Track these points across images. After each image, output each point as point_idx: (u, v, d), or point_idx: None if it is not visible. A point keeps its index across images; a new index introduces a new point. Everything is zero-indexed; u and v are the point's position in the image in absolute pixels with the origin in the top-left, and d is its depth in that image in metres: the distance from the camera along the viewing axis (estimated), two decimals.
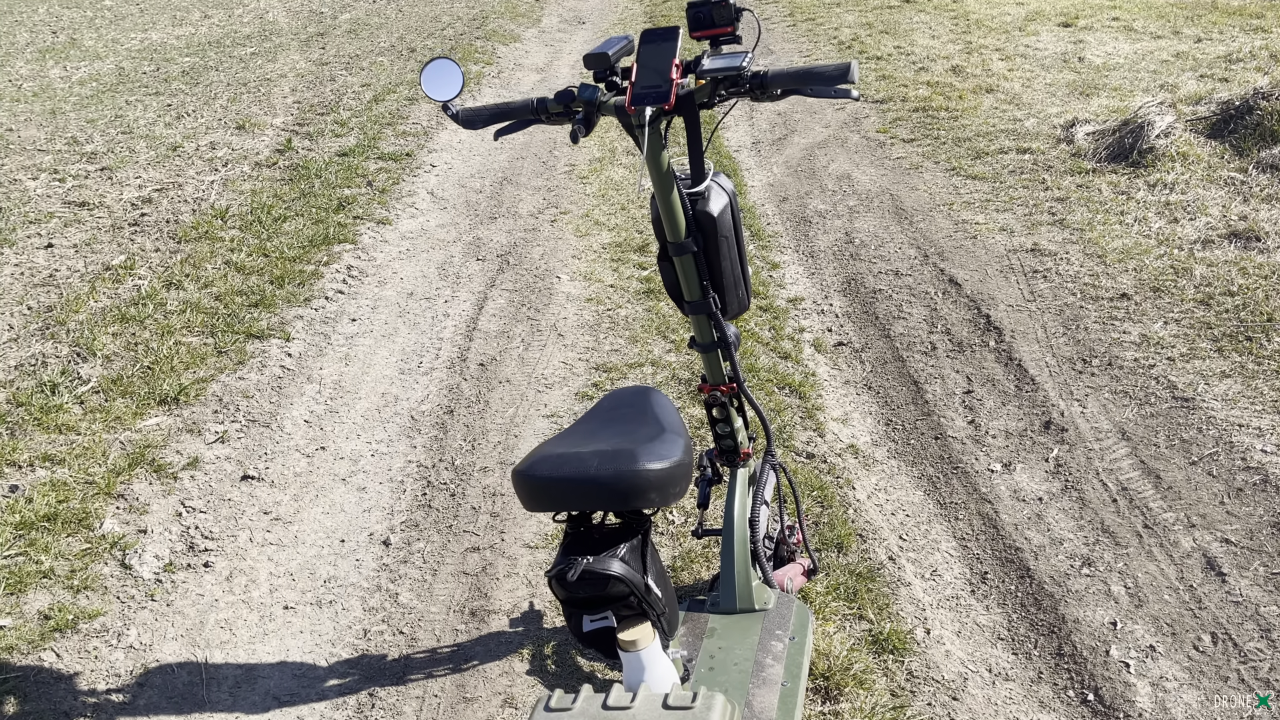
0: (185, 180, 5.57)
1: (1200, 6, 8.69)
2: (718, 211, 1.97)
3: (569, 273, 4.55)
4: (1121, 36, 7.85)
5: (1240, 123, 4.94)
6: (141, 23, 10.83)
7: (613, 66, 1.93)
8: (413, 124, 6.74)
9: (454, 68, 2.05)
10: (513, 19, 10.50)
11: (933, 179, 5.37)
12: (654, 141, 1.85)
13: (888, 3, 10.04)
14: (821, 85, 1.76)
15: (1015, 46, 7.82)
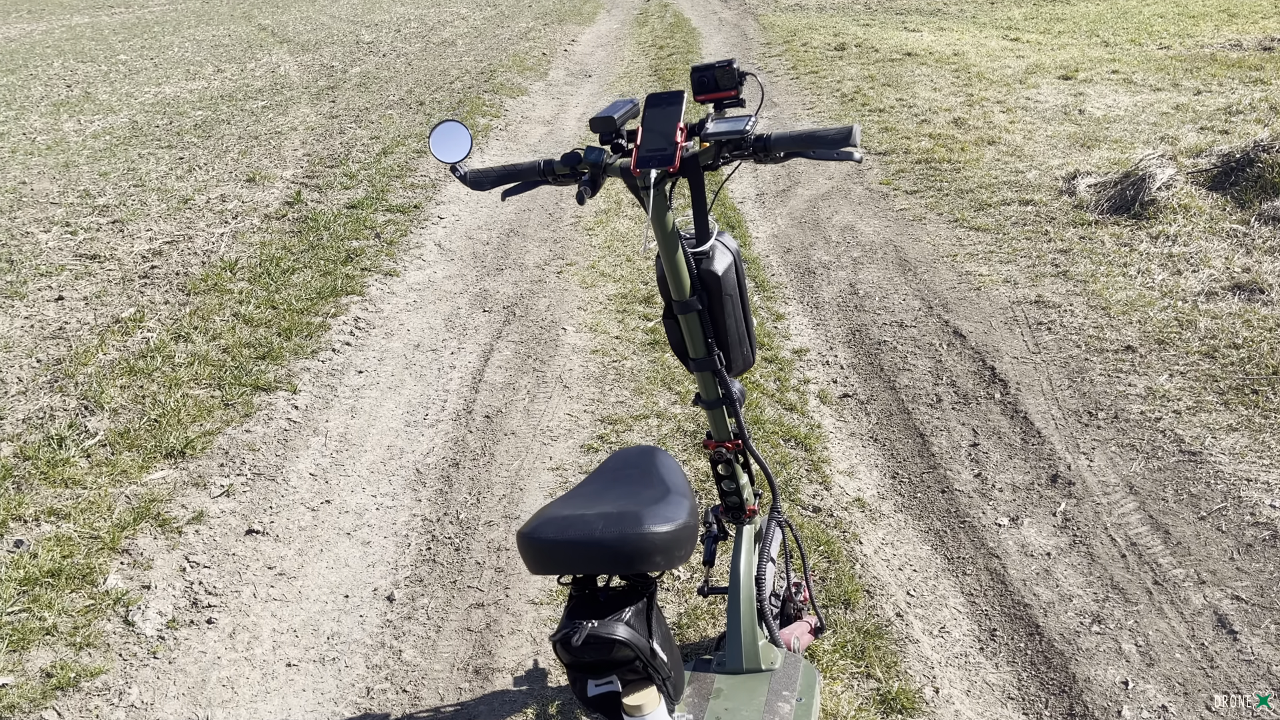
0: (195, 233, 5.63)
1: (1199, 59, 8.80)
2: (722, 270, 1.99)
3: (574, 324, 4.58)
4: (1121, 89, 7.94)
5: (1241, 175, 4.98)
6: (155, 77, 11.01)
7: (618, 129, 1.96)
8: (421, 176, 6.81)
9: (462, 130, 2.08)
10: (520, 73, 10.66)
11: (936, 230, 5.40)
12: (659, 203, 1.87)
13: (890, 56, 10.18)
14: (824, 149, 1.78)
15: (1016, 99, 7.91)
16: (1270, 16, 11.11)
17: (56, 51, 13.41)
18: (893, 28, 12.51)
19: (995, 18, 13.08)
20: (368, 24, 14.81)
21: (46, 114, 9.20)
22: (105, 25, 16.31)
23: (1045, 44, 10.53)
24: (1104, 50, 9.76)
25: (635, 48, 12.30)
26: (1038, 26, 11.93)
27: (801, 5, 15.54)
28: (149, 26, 15.82)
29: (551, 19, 14.58)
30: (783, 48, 11.43)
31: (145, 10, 18.31)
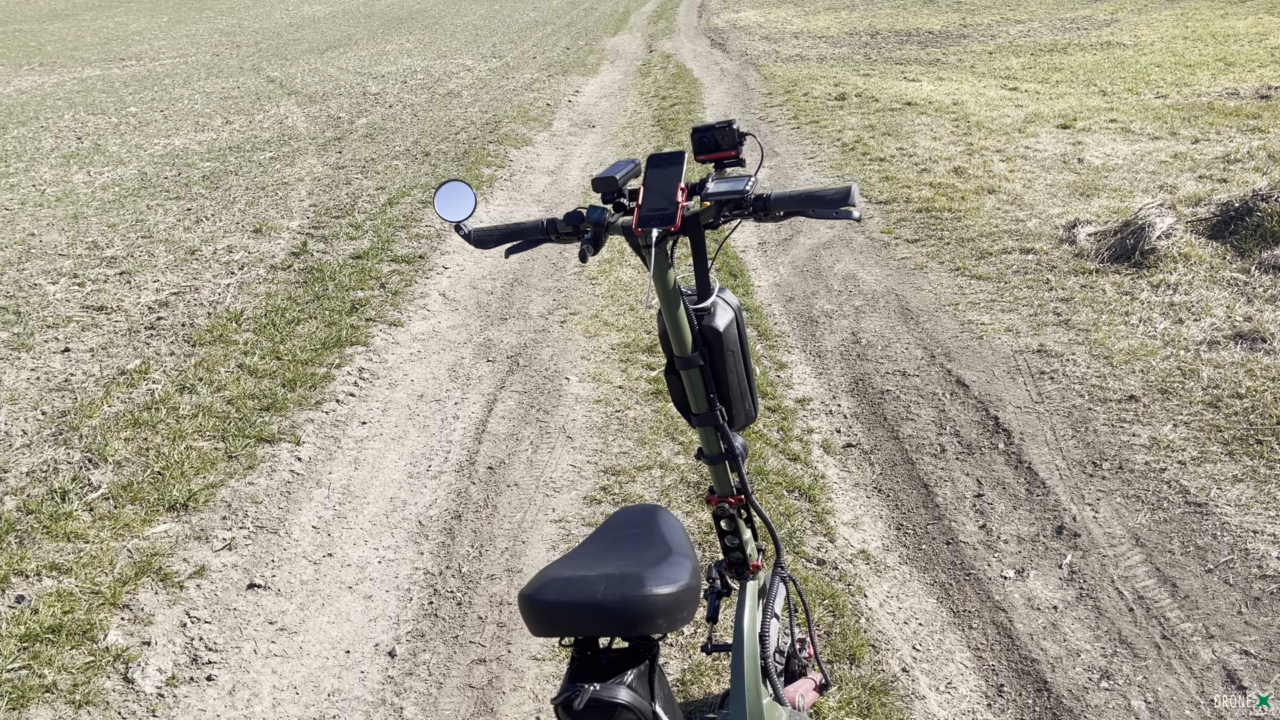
0: (202, 284, 5.67)
1: (1197, 108, 8.89)
2: (723, 327, 2.00)
3: (578, 374, 4.59)
4: (1119, 138, 8.01)
5: (1240, 224, 5.01)
6: (165, 128, 11.16)
7: (620, 189, 1.98)
8: (426, 226, 6.87)
9: (466, 190, 2.11)
10: (524, 123, 10.78)
11: (937, 279, 5.43)
12: (660, 261, 1.89)
13: (890, 105, 10.29)
14: (823, 208, 1.80)
15: (1015, 148, 7.98)
16: (1267, 65, 11.24)
17: (68, 104, 13.61)
18: (892, 77, 12.66)
19: (993, 67, 13.23)
20: (374, 76, 15.01)
21: (57, 166, 9.32)
22: (117, 78, 16.56)
23: (1043, 93, 10.65)
24: (1102, 99, 9.87)
25: (638, 98, 12.45)
26: (1035, 76, 12.07)
27: (802, 56, 15.74)
28: (159, 79, 16.06)
29: (556, 70, 14.78)
30: (784, 97, 11.56)
31: (156, 63, 18.59)
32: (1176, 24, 15.34)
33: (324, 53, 18.57)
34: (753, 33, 19.20)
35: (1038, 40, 15.47)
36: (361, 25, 23.41)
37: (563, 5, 25.58)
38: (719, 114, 11.01)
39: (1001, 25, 17.49)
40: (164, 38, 22.96)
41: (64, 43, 22.72)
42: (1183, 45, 13.21)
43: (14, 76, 17.35)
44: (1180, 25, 15.17)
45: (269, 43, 20.91)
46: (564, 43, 18.28)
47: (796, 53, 16.22)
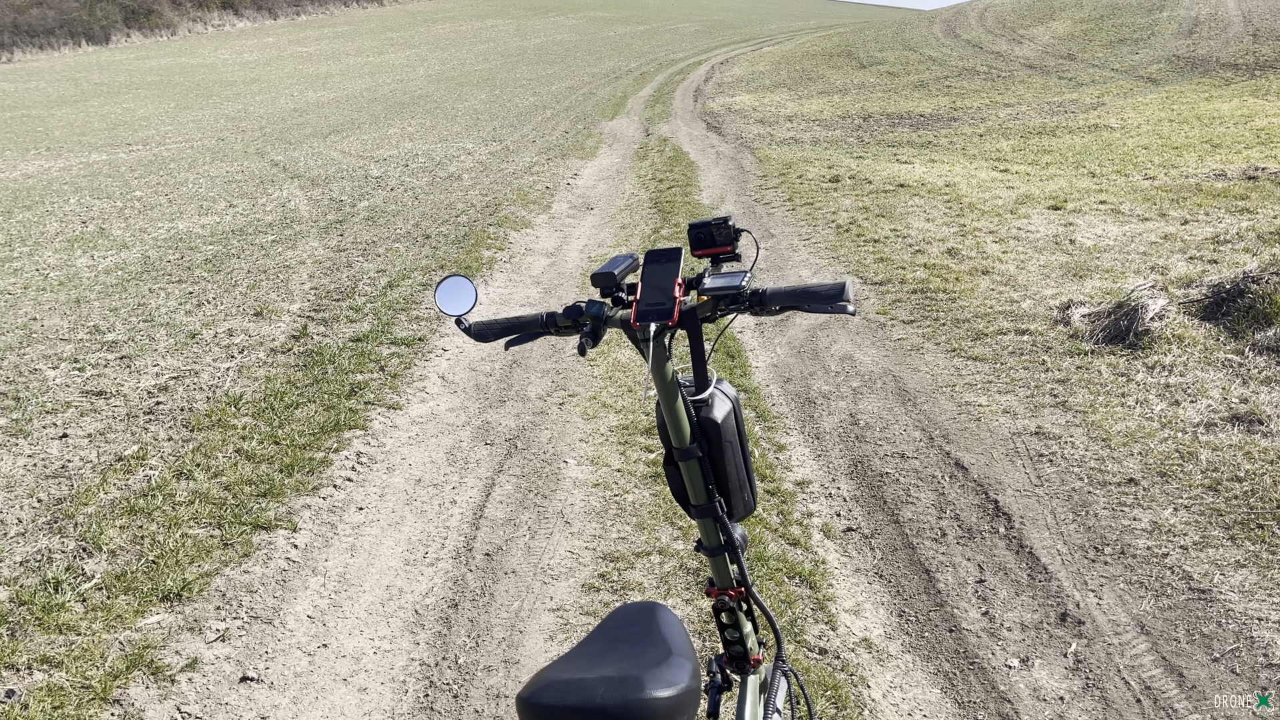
0: (202, 368, 5.70)
1: (1185, 189, 9.05)
2: (721, 418, 2.01)
3: (576, 457, 4.58)
4: (1109, 219, 8.14)
5: (1233, 305, 5.06)
6: (169, 212, 11.32)
7: (619, 284, 2.02)
8: (425, 309, 6.93)
9: (467, 284, 2.14)
10: (524, 205, 10.95)
11: (934, 360, 5.46)
12: (659, 354, 1.91)
13: (883, 187, 10.47)
14: (818, 304, 1.83)
15: (1008, 229, 8.10)
16: (1253, 146, 11.48)
17: (74, 188, 13.83)
18: (885, 160, 12.90)
19: (984, 149, 13.50)
20: (377, 159, 15.29)
21: (61, 250, 9.43)
22: (123, 162, 16.85)
23: (1034, 175, 10.85)
24: (1091, 181, 10.05)
25: (636, 181, 12.67)
26: (1026, 158, 12.31)
27: (796, 139, 16.07)
28: (165, 163, 16.34)
29: (555, 153, 15.06)
30: (779, 180, 11.77)
31: (162, 148, 18.94)
32: (1161, 107, 15.69)
33: (327, 137, 18.93)
34: (747, 116, 19.63)
35: (1027, 123, 15.81)
36: (364, 110, 23.91)
37: (562, 90, 26.18)
38: (715, 196, 11.19)
39: (991, 109, 17.89)
40: (170, 123, 23.43)
41: (71, 128, 23.17)
42: (1168, 128, 13.50)
43: (21, 161, 17.65)
44: (1165, 108, 15.52)
45: (273, 127, 21.34)
46: (563, 127, 18.66)
47: (791, 136, 16.56)
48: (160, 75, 37.37)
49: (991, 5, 35.36)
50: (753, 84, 25.69)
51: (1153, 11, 27.50)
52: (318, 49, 45.42)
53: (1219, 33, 23.15)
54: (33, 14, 46.22)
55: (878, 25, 39.35)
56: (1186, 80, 18.74)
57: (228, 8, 56.29)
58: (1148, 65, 21.09)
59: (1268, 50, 20.17)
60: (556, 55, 38.59)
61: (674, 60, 34.94)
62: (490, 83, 29.30)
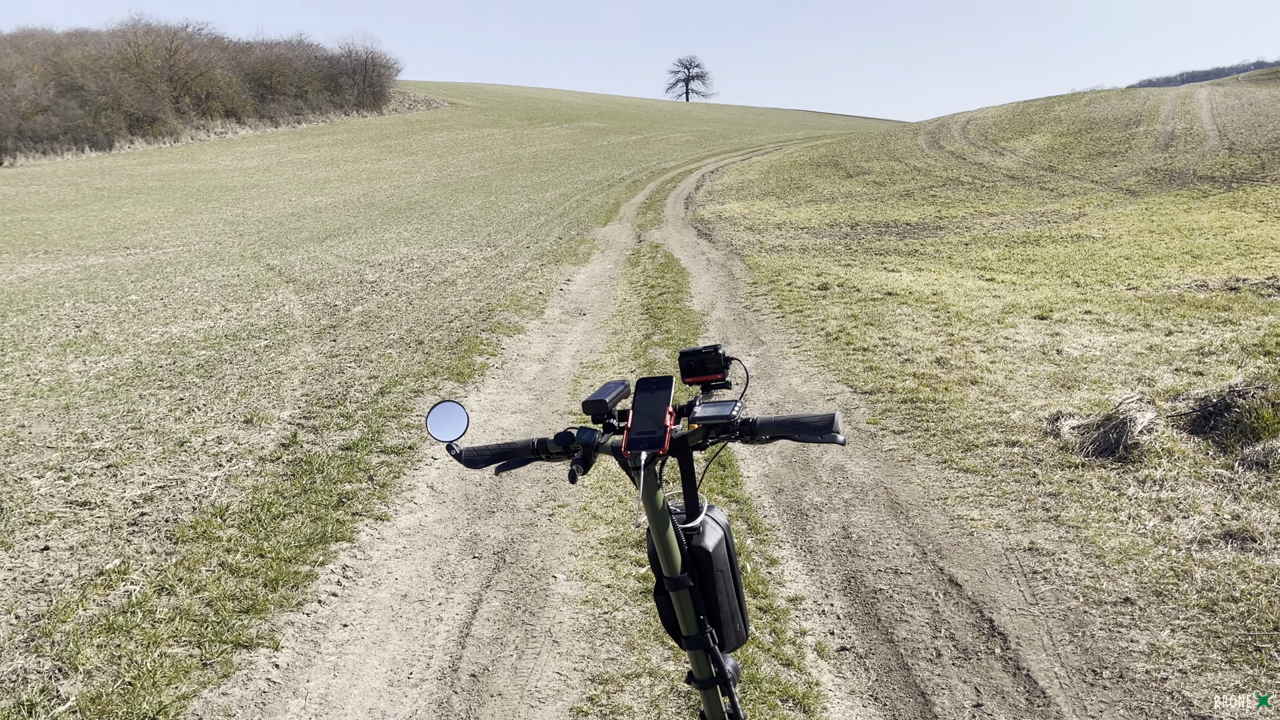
0: (189, 477, 5.65)
1: (1168, 300, 9.20)
2: (713, 546, 2.00)
3: (565, 571, 4.52)
4: (1095, 329, 8.24)
5: (1220, 419, 5.09)
6: (164, 317, 11.39)
7: (610, 410, 2.03)
8: (416, 416, 6.92)
9: (459, 410, 2.15)
10: (517, 311, 11.05)
11: (925, 472, 5.45)
12: (649, 482, 1.91)
13: (871, 295, 10.62)
14: (808, 435, 1.84)
15: (995, 338, 8.19)
16: (1233, 257, 11.72)
17: (69, 292, 13.93)
18: (873, 268, 13.12)
19: (970, 258, 13.76)
20: (372, 264, 15.48)
21: (53, 354, 9.44)
22: (120, 265, 17.03)
23: (1019, 284, 11.03)
24: (1075, 290, 10.21)
25: (628, 287, 12.83)
26: (1011, 267, 12.53)
27: (785, 246, 16.36)
28: (162, 267, 16.51)
29: (548, 259, 15.28)
30: (768, 287, 11.93)
31: (160, 251, 19.17)
32: (1142, 218, 16.07)
33: (323, 241, 19.21)
34: (737, 224, 20.02)
35: (1011, 232, 16.15)
36: (361, 215, 24.33)
37: (556, 197, 26.72)
38: (706, 303, 11.33)
39: (976, 218, 18.30)
40: (169, 227, 23.77)
41: (70, 231, 23.48)
42: (1149, 239, 13.80)
43: (18, 264, 17.82)
44: (1146, 219, 15.89)
45: (270, 231, 21.66)
46: (556, 232, 18.98)
47: (780, 243, 16.86)
48: (161, 180, 38.07)
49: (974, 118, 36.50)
50: (742, 192, 26.27)
51: (1129, 126, 28.41)
52: (317, 155, 46.45)
53: (1195, 146, 23.87)
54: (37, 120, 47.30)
55: (864, 136, 40.51)
56: (1165, 192, 19.24)
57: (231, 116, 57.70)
58: (1126, 177, 21.68)
59: (1243, 164, 20.78)
60: (551, 163, 39.52)
61: (666, 169, 35.79)
62: (486, 189, 29.91)
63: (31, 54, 51.38)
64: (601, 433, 2.03)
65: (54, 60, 50.86)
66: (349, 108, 66.15)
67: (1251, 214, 15.39)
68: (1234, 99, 31.96)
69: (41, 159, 46.86)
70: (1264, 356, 6.69)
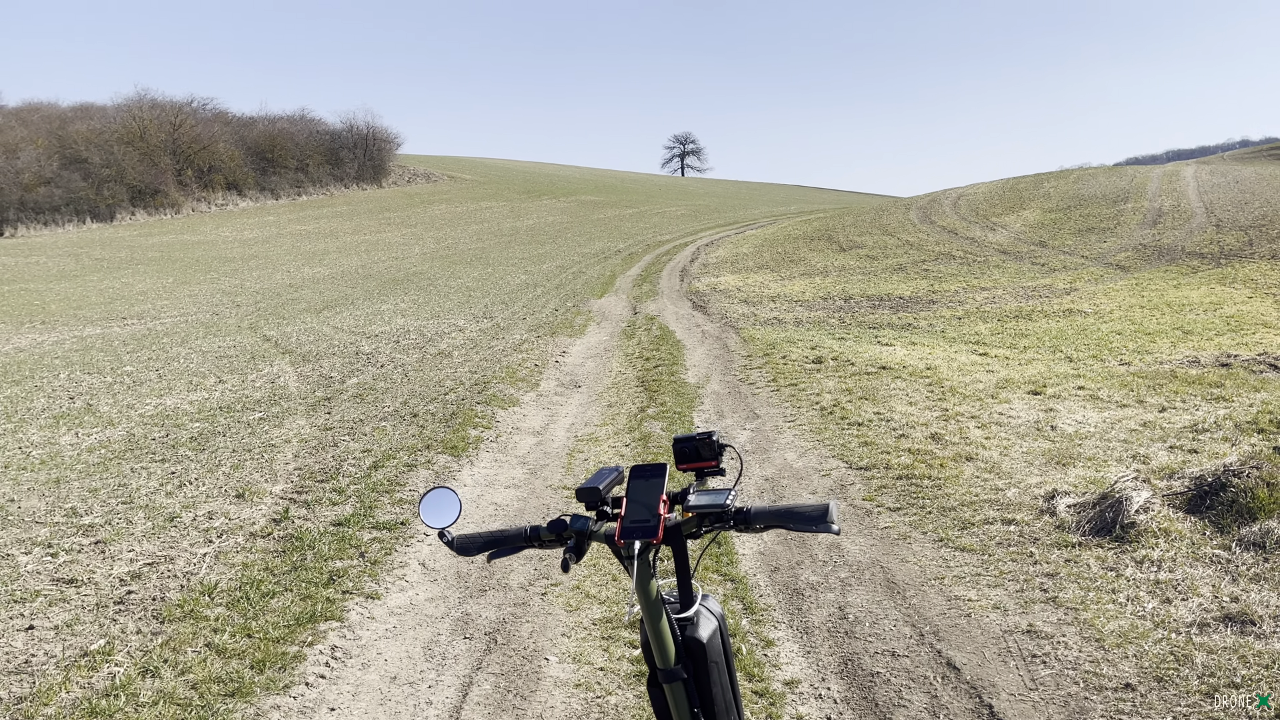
0: (178, 553, 5.59)
1: (1160, 376, 9.24)
2: (707, 637, 1.98)
3: (558, 653, 4.45)
4: (1089, 405, 8.27)
5: (1216, 498, 5.08)
6: (158, 388, 11.37)
7: (604, 497, 2.03)
8: (410, 491, 6.88)
9: (452, 496, 2.14)
10: (512, 383, 11.07)
11: (921, 550, 5.41)
12: (643, 572, 1.90)
13: (865, 369, 10.66)
14: (803, 525, 1.84)
15: (990, 414, 8.20)
16: (1223, 333, 11.81)
17: (64, 362, 13.93)
18: (866, 341, 13.20)
19: (963, 332, 13.85)
20: (368, 335, 15.54)
21: (46, 427, 9.40)
22: (116, 336, 17.06)
23: (1013, 359, 11.08)
24: (1069, 366, 10.26)
25: (623, 359, 12.87)
26: (1004, 341, 12.61)
27: (779, 319, 16.47)
28: (158, 337, 16.55)
29: (544, 331, 15.35)
30: (763, 360, 11.97)
31: (157, 322, 19.23)
32: (1132, 293, 16.23)
33: (320, 312, 19.30)
34: (732, 296, 20.18)
35: (1003, 306, 16.29)
36: (359, 286, 24.48)
37: (552, 269, 26.95)
38: (700, 375, 11.35)
39: (968, 292, 18.47)
40: (167, 297, 23.88)
41: (68, 301, 23.57)
42: (1140, 314, 13.92)
43: (14, 335, 17.84)
44: (1136, 294, 16.05)
45: (268, 302, 21.77)
46: (553, 304, 19.10)
47: (774, 316, 16.98)
48: (161, 251, 38.37)
49: (964, 194, 37.05)
50: (737, 265, 26.53)
51: (1118, 203, 28.86)
52: (316, 227, 46.93)
53: (1182, 223, 24.24)
54: (40, 192, 47.84)
55: (856, 211, 41.09)
56: (1155, 268, 19.47)
57: (232, 188, 58.42)
58: (1116, 253, 21.95)
59: (1231, 240, 21.07)
60: (548, 235, 39.95)
61: (661, 241, 36.19)
62: (483, 261, 30.17)
63: (37, 127, 52.17)
64: (595, 520, 2.03)
65: (59, 133, 51.65)
66: (349, 180, 67.05)
67: (1241, 290, 15.56)
68: (1220, 177, 32.56)
69: (43, 230, 47.27)
70: (1258, 434, 6.71)
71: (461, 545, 2.09)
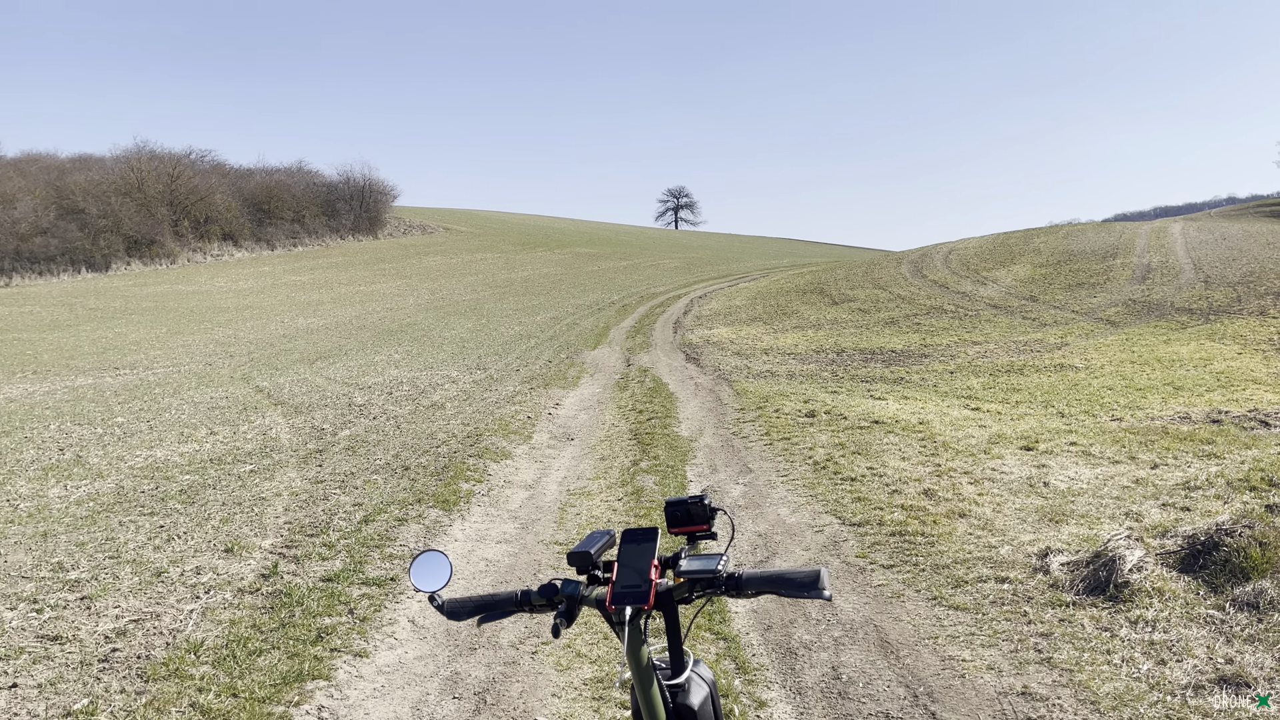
0: (164, 609, 5.53)
1: (1152, 431, 9.27)
2: (698, 704, 1.97)
3: (548, 714, 4.39)
4: (1081, 461, 8.27)
5: (1209, 558, 5.07)
6: (149, 439, 11.32)
7: (595, 561, 2.03)
8: (400, 546, 6.83)
9: (443, 559, 2.14)
10: (505, 436, 11.04)
11: (915, 609, 5.38)
12: (634, 638, 1.89)
13: (858, 424, 10.67)
14: (794, 591, 1.84)
15: (982, 469, 8.20)
16: (1213, 389, 11.87)
17: (55, 413, 13.87)
18: (859, 395, 13.22)
19: (955, 387, 13.89)
20: (361, 386, 15.52)
21: (34, 479, 9.34)
22: (108, 386, 17.01)
23: (1005, 414, 11.11)
24: (1060, 421, 10.29)
25: (616, 411, 12.87)
26: (996, 396, 12.65)
27: (772, 372, 16.51)
28: (150, 388, 16.51)
29: (537, 383, 15.36)
30: (755, 413, 11.98)
31: (149, 372, 19.20)
32: (1123, 348, 16.33)
33: (314, 363, 19.29)
34: (725, 349, 20.24)
35: (995, 361, 16.36)
36: (353, 337, 24.51)
37: (546, 320, 27.03)
38: (694, 428, 11.35)
39: (960, 346, 18.55)
40: (160, 347, 23.87)
41: (61, 351, 23.54)
42: (1131, 369, 13.99)
43: (6, 384, 17.79)
44: (1127, 350, 16.14)
45: (261, 353, 21.76)
46: (546, 355, 19.13)
47: (767, 368, 17.02)
48: (155, 301, 38.44)
49: (955, 249, 37.38)
50: (730, 317, 26.65)
51: (1107, 258, 29.15)
52: (311, 278, 47.09)
53: (1171, 279, 24.46)
54: (35, 242, 48.01)
55: (848, 264, 41.41)
56: (1144, 323, 19.61)
57: (228, 239, 58.68)
58: (1106, 308, 22.12)
59: (1220, 296, 21.26)
60: (542, 287, 40.13)
61: (655, 294, 36.37)
62: (477, 312, 30.26)
63: (35, 178, 52.48)
64: (586, 584, 2.03)
65: (56, 184, 51.95)
66: (345, 232, 67.40)
67: (1230, 346, 15.67)
68: (1207, 233, 32.96)
69: (38, 279, 47.36)
70: (1249, 492, 6.71)
71: (452, 609, 2.08)
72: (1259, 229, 34.66)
